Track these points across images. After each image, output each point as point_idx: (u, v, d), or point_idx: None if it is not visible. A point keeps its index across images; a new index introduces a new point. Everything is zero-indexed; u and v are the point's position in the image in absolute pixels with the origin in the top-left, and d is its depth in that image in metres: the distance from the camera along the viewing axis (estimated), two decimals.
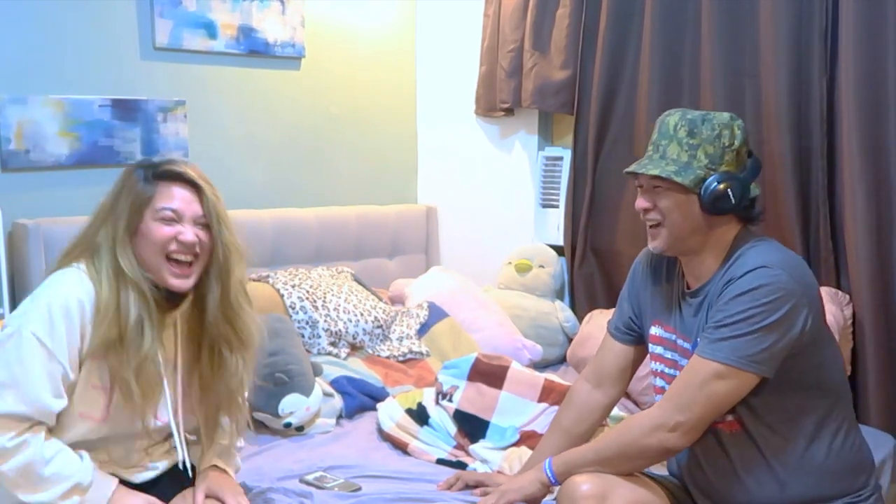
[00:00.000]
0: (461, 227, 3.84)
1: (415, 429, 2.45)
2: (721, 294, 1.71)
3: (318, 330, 2.88)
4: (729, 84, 2.80)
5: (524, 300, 3.34)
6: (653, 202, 1.78)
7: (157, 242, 1.69)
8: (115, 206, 1.72)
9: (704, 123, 1.75)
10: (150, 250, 1.70)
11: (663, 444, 1.71)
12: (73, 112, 2.87)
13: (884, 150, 2.48)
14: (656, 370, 1.92)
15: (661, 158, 1.76)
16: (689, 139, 1.75)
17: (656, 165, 1.75)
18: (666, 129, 1.78)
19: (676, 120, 1.77)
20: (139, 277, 1.69)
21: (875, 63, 2.46)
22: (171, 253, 1.71)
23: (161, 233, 1.70)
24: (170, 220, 1.71)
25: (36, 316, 1.64)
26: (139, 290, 1.68)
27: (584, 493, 1.72)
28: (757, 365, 1.65)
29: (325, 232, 3.45)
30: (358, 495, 2.07)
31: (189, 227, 1.72)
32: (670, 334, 1.87)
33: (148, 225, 1.70)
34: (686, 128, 1.75)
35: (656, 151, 1.78)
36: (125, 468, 1.82)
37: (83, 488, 1.66)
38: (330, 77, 3.59)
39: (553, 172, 3.48)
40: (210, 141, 3.25)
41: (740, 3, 2.76)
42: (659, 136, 1.79)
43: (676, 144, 1.76)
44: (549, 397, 2.41)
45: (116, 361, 1.68)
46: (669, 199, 1.75)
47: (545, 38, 3.36)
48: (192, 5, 3.12)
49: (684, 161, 1.74)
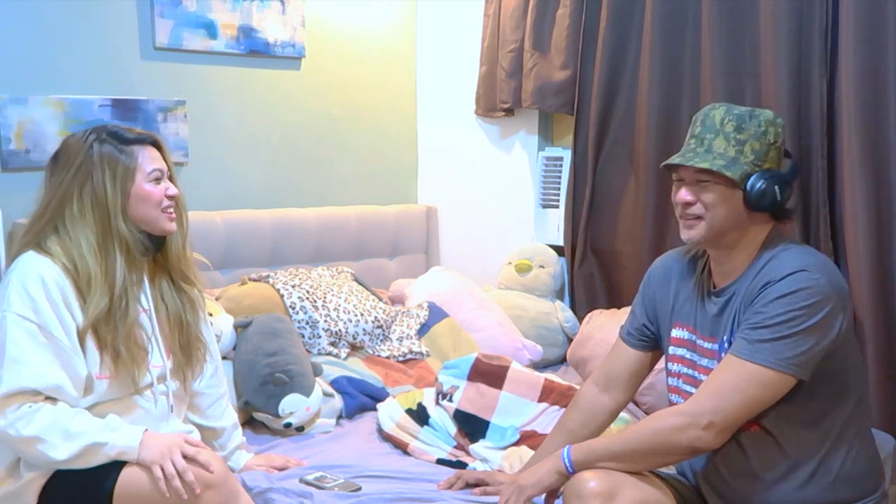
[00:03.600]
0: (461, 227, 3.83)
1: (415, 429, 2.45)
2: (759, 296, 1.70)
3: (318, 330, 2.88)
4: (729, 84, 2.79)
5: (524, 300, 3.34)
6: (696, 196, 1.77)
7: (155, 200, 1.93)
8: (84, 180, 1.87)
9: (752, 119, 1.76)
10: (147, 209, 1.93)
11: (693, 443, 1.69)
12: (73, 112, 2.87)
13: (884, 150, 2.47)
14: (673, 371, 1.91)
15: (707, 152, 1.75)
16: (737, 134, 1.75)
17: (704, 158, 1.74)
18: (711, 122, 1.77)
19: (723, 114, 1.77)
20: (135, 237, 1.90)
21: (875, 63, 2.46)
22: (166, 207, 1.96)
23: (157, 192, 1.94)
24: (158, 179, 1.95)
25: (14, 298, 1.80)
26: (127, 251, 1.89)
27: (591, 491, 1.71)
28: (796, 368, 1.65)
29: (325, 232, 3.45)
30: (358, 495, 2.07)
31: (168, 181, 1.98)
32: (691, 335, 1.87)
33: (141, 187, 1.92)
34: (734, 122, 1.75)
35: (700, 145, 1.77)
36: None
37: (113, 430, 1.80)
38: (330, 77, 3.59)
39: (553, 173, 3.47)
40: (210, 141, 3.26)
41: (740, 3, 2.75)
42: (703, 130, 1.78)
43: (723, 139, 1.75)
44: (549, 397, 2.41)
45: (106, 332, 1.85)
46: (715, 193, 1.75)
47: (545, 38, 3.36)
48: (192, 5, 3.12)
49: (731, 156, 1.74)
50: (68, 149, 1.91)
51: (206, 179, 3.24)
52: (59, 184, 1.88)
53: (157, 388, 1.98)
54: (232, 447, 2.24)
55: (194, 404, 2.18)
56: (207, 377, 2.19)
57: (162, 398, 1.99)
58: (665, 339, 1.95)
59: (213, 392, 2.21)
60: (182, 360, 2.04)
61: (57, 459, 1.76)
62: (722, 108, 1.79)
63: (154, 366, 1.97)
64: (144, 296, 1.98)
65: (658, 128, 2.98)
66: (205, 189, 3.23)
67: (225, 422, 2.23)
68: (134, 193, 1.91)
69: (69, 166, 1.88)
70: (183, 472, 1.77)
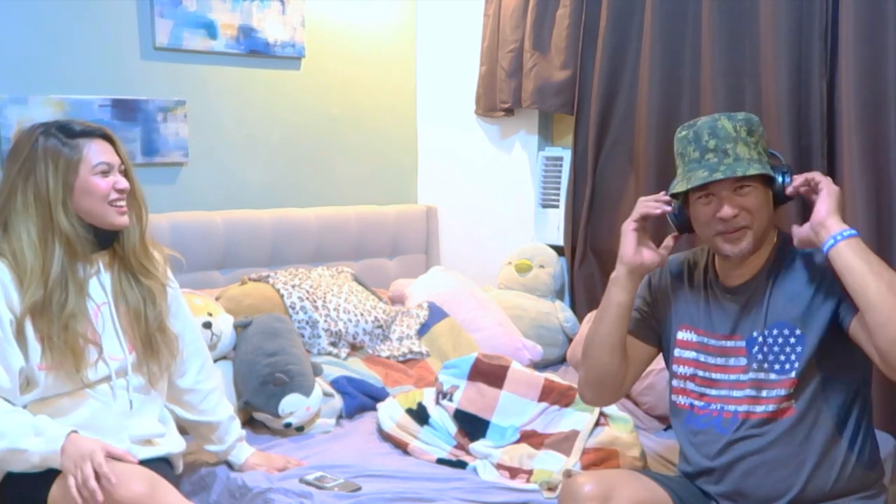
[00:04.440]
0: (461, 227, 3.83)
1: (415, 429, 2.45)
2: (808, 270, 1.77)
3: (318, 330, 2.88)
4: (729, 84, 2.79)
5: (524, 300, 3.34)
6: (738, 206, 1.77)
7: (101, 194, 1.91)
8: (28, 174, 1.87)
9: (752, 121, 1.80)
10: (93, 202, 1.91)
11: None
12: (73, 112, 2.86)
13: (884, 150, 2.48)
14: (679, 373, 1.92)
15: (738, 160, 1.76)
16: (751, 137, 1.78)
17: (744, 167, 1.75)
18: (725, 132, 1.77)
19: (732, 123, 1.78)
20: (77, 231, 1.89)
21: (875, 63, 2.46)
22: (114, 201, 1.94)
23: (103, 185, 1.92)
24: (105, 172, 1.93)
25: None
26: (68, 244, 1.88)
27: (587, 494, 1.71)
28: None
29: (325, 232, 3.45)
30: (358, 495, 2.07)
31: (118, 175, 1.95)
32: (700, 337, 1.88)
33: (87, 181, 1.91)
34: (745, 128, 1.78)
35: (726, 155, 1.76)
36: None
37: (37, 433, 1.78)
38: (330, 77, 3.59)
39: (553, 172, 3.48)
40: (210, 141, 3.25)
41: (740, 3, 2.76)
42: (720, 142, 1.77)
43: (744, 144, 1.77)
44: (549, 397, 2.41)
45: (42, 323, 1.85)
46: (757, 196, 1.78)
47: (545, 38, 3.36)
48: (192, 5, 3.12)
49: (756, 158, 1.77)
50: (17, 143, 1.94)
51: (206, 179, 3.24)
52: (7, 178, 1.91)
53: (116, 383, 1.96)
54: (232, 440, 2.23)
55: (186, 402, 2.18)
56: (194, 373, 2.18)
57: (122, 393, 1.96)
58: (670, 342, 1.95)
59: (202, 387, 2.20)
60: (144, 354, 2.00)
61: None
62: (723, 117, 1.80)
63: (112, 358, 1.95)
64: (102, 289, 1.97)
65: (658, 128, 2.98)
66: (205, 189, 3.23)
67: (220, 415, 2.22)
68: (78, 186, 1.90)
69: (16, 160, 1.90)
70: (86, 479, 1.72)
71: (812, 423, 1.76)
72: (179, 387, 2.16)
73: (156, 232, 2.84)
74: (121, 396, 1.97)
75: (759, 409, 1.79)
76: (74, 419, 1.89)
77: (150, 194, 3.03)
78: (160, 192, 3.11)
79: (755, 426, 1.79)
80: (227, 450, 2.22)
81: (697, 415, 1.88)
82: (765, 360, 1.79)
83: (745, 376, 1.82)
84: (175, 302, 2.14)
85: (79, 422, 1.88)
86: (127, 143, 2.99)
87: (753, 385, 1.80)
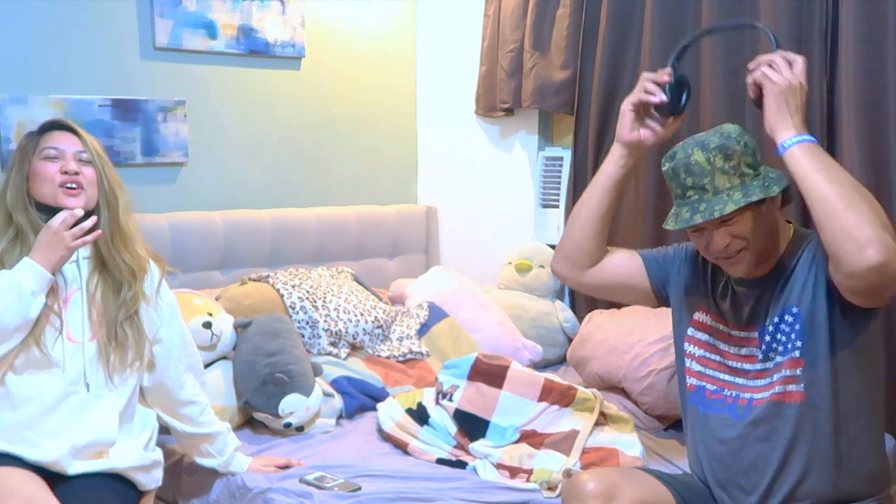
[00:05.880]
0: (461, 227, 3.83)
1: (415, 428, 2.46)
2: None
3: (318, 330, 2.88)
4: (729, 84, 2.79)
5: (524, 300, 3.34)
6: (728, 235, 1.76)
7: (47, 176, 1.97)
8: (9, 171, 2.01)
9: (729, 142, 1.75)
10: (42, 186, 1.98)
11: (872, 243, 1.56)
12: (73, 112, 2.86)
13: (884, 150, 2.48)
14: (696, 354, 1.92)
15: (717, 194, 1.75)
16: (728, 162, 1.75)
17: (723, 203, 1.73)
18: (699, 168, 1.76)
19: (704, 154, 1.76)
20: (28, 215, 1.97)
21: (875, 63, 2.46)
22: (62, 183, 1.98)
23: (49, 168, 1.98)
24: (53, 157, 1.99)
25: None
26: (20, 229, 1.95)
27: (590, 492, 1.71)
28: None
29: (325, 232, 3.45)
30: (358, 495, 2.08)
31: (71, 160, 1.99)
32: (716, 323, 1.89)
33: (36, 166, 1.99)
34: (721, 155, 1.75)
35: (705, 192, 1.76)
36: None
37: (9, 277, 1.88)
38: (330, 77, 3.59)
39: (553, 172, 3.48)
40: (210, 141, 3.25)
41: (740, 3, 2.76)
42: (696, 178, 1.76)
43: (722, 175, 1.75)
44: (549, 397, 2.41)
45: None
46: (746, 222, 1.75)
47: (545, 38, 3.36)
48: (192, 5, 3.12)
49: (738, 183, 1.74)
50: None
51: (206, 179, 3.24)
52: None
53: (71, 363, 1.94)
54: (230, 451, 2.23)
55: (186, 415, 2.16)
56: (191, 385, 2.17)
57: (77, 377, 1.95)
58: (683, 321, 1.96)
59: (201, 400, 2.19)
60: (107, 344, 1.99)
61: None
62: (695, 149, 1.78)
63: (70, 339, 1.96)
64: (78, 273, 2.00)
65: None
66: (205, 189, 3.23)
67: (218, 426, 2.22)
68: (31, 173, 2.00)
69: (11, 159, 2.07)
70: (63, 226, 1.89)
71: (820, 413, 1.74)
72: (180, 399, 2.14)
73: (156, 232, 2.86)
74: (74, 380, 1.95)
75: (767, 394, 1.78)
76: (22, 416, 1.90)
77: (150, 194, 3.08)
78: (160, 192, 3.11)
79: (766, 410, 1.78)
80: (226, 461, 2.22)
81: (710, 399, 1.88)
82: (775, 345, 1.79)
83: (759, 365, 1.82)
84: (170, 313, 2.13)
85: (24, 419, 1.90)
86: (127, 143, 3.00)
87: (764, 374, 1.80)
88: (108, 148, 2.93)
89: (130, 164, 3.02)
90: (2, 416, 1.91)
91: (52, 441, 1.90)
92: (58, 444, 1.90)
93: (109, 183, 2.04)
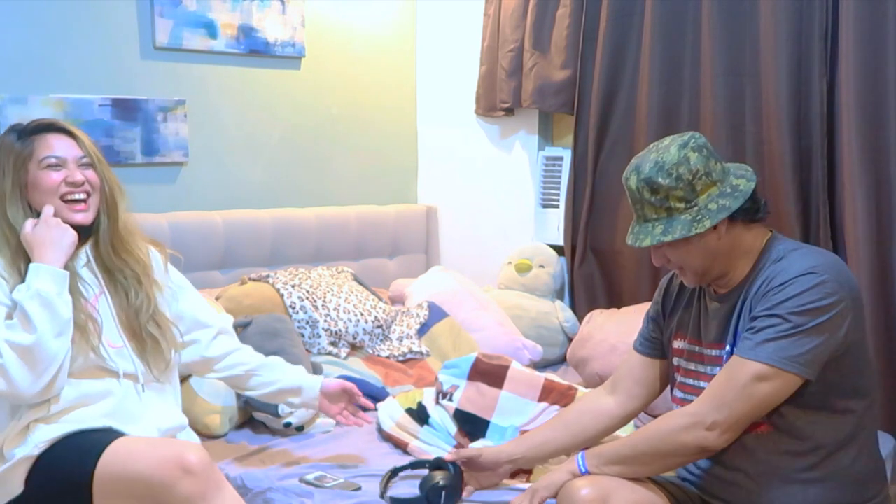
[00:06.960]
0: (461, 227, 3.84)
1: (415, 428, 2.45)
2: (765, 297, 1.68)
3: (318, 330, 2.88)
4: (729, 84, 2.80)
5: (524, 300, 3.34)
6: (665, 258, 1.78)
7: (49, 189, 1.88)
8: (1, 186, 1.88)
9: (659, 174, 1.71)
10: (43, 197, 1.88)
11: (700, 442, 1.69)
12: (73, 112, 2.86)
13: (884, 150, 2.48)
14: (677, 381, 1.91)
15: (646, 222, 1.76)
16: (655, 196, 1.72)
17: (647, 233, 1.75)
18: (633, 193, 1.77)
19: (636, 182, 1.75)
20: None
21: (875, 63, 2.46)
22: (66, 195, 1.89)
23: (50, 179, 1.88)
24: (55, 166, 1.89)
25: None
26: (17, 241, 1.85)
27: (584, 498, 1.71)
28: (801, 367, 1.63)
29: (325, 232, 3.45)
30: (358, 495, 2.08)
31: (75, 168, 1.90)
32: (691, 345, 1.87)
33: (35, 176, 1.88)
34: (647, 187, 1.73)
35: (640, 216, 1.78)
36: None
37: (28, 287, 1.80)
38: (330, 77, 3.59)
39: (553, 172, 3.48)
40: (210, 141, 3.26)
41: (740, 4, 2.76)
42: (632, 201, 1.78)
43: (650, 206, 1.74)
44: (549, 397, 2.41)
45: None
46: (678, 251, 1.75)
47: (545, 38, 3.36)
48: (192, 5, 3.12)
49: (665, 216, 1.73)
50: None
51: (206, 179, 3.24)
52: None
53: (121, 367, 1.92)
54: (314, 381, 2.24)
55: (244, 383, 2.19)
56: (222, 340, 2.17)
57: (128, 382, 1.93)
58: (668, 350, 1.95)
59: (241, 357, 2.19)
60: (138, 347, 1.97)
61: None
62: (633, 174, 1.75)
63: (111, 346, 1.92)
64: (96, 279, 1.94)
65: (658, 128, 2.98)
66: (205, 189, 3.23)
67: (285, 368, 2.24)
68: (29, 182, 1.88)
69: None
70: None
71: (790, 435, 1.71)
72: (212, 357, 2.15)
73: (156, 231, 2.85)
74: (127, 385, 1.93)
75: None
76: (104, 407, 1.88)
77: (149, 194, 3.08)
78: (160, 192, 3.11)
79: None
80: (310, 383, 2.23)
81: None
82: None
83: None
84: (181, 285, 2.14)
85: (107, 410, 1.88)
86: (127, 143, 3.00)
87: None
88: (108, 148, 2.96)
89: (130, 164, 3.02)
90: (81, 412, 1.86)
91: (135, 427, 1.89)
92: (144, 431, 1.89)
93: (110, 186, 1.98)
